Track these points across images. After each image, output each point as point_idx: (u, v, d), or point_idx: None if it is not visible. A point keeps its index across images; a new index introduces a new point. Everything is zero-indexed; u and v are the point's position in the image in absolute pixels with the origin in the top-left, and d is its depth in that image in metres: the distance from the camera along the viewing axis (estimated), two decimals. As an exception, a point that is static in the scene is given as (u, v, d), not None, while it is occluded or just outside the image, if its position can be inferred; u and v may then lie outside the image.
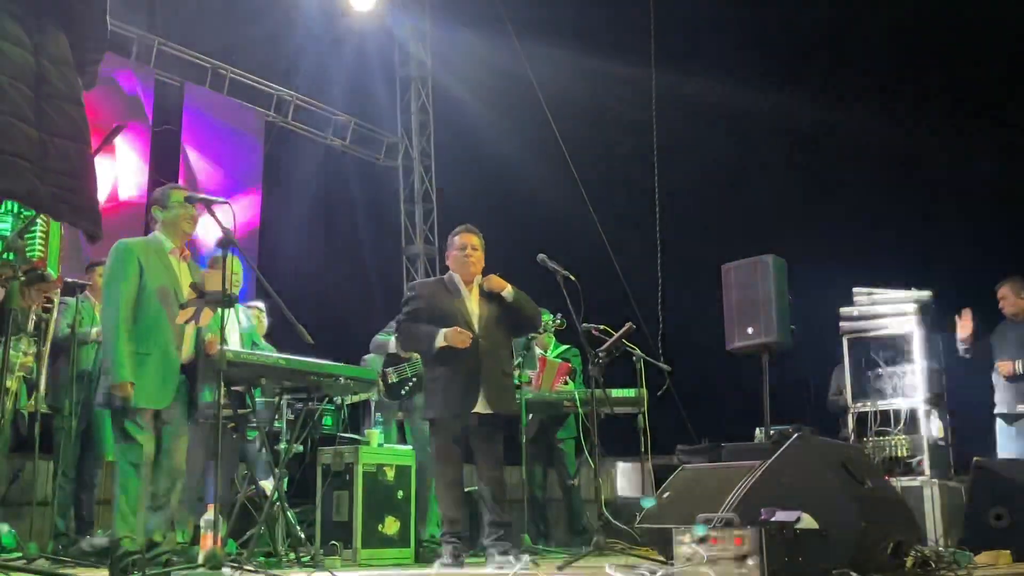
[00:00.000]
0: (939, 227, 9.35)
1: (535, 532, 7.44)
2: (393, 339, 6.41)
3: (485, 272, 5.44)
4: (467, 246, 5.35)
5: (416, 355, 6.33)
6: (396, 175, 12.36)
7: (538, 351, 7.21)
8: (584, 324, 6.30)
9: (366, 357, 6.78)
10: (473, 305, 5.28)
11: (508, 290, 5.33)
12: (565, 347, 7.50)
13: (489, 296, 5.34)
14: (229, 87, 10.50)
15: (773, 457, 4.69)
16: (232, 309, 5.68)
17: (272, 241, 10.41)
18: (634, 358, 7.00)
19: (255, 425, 5.60)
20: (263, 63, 10.85)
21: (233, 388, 5.04)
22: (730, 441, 6.65)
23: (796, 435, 4.75)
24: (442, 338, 5.11)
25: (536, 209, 10.45)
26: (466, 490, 7.88)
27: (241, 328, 5.94)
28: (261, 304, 7.16)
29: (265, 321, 7.04)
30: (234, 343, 5.68)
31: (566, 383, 7.23)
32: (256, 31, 10.66)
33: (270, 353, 5.42)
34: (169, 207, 4.76)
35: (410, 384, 6.34)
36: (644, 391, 7.06)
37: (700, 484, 5.23)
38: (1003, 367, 7.04)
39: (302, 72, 11.28)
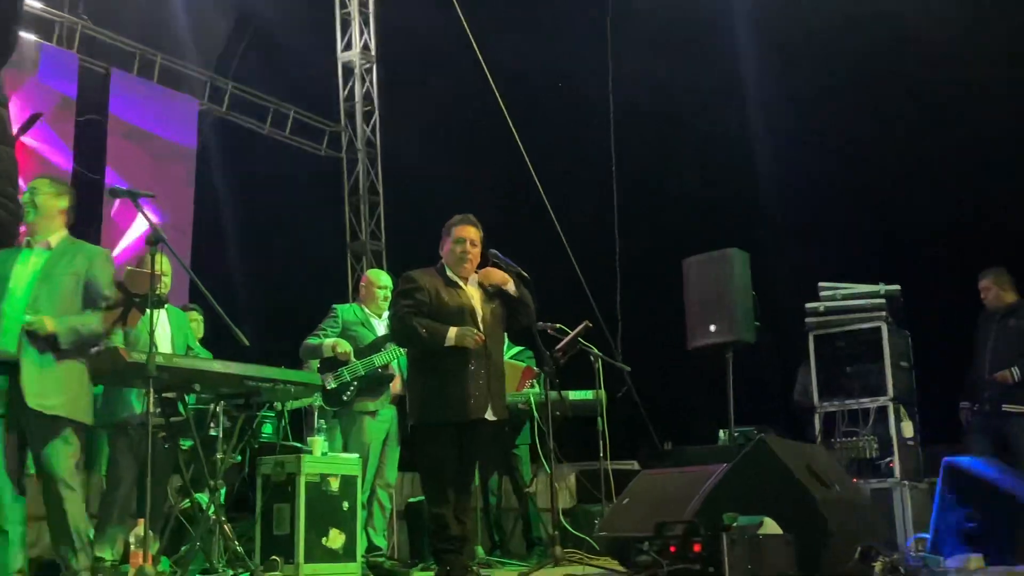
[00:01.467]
0: (908, 219, 9.47)
1: (489, 543, 7.44)
2: (326, 342, 6.35)
3: None
4: (466, 240, 5.21)
5: (354, 359, 6.29)
6: (340, 167, 12.28)
7: None
8: (538, 323, 6.32)
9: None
10: (475, 302, 5.18)
11: (512, 284, 5.23)
12: (519, 349, 7.48)
13: (487, 292, 5.26)
14: (159, 74, 10.37)
15: (735, 460, 4.73)
16: (163, 310, 5.70)
17: (207, 238, 10.29)
18: (591, 358, 7.02)
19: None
20: (196, 48, 10.72)
21: (164, 395, 4.97)
22: (693, 444, 6.73)
23: (760, 436, 4.79)
24: (453, 337, 4.98)
25: (489, 201, 10.44)
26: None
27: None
28: (197, 308, 7.07)
29: (200, 325, 6.96)
30: (164, 346, 5.61)
31: (532, 386, 7.23)
32: (188, 14, 10.53)
33: (203, 358, 5.36)
34: None
35: (351, 389, 6.29)
36: (603, 393, 7.08)
37: (662, 489, 5.28)
38: (1001, 377, 7.01)
39: (238, 58, 11.18)
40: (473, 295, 5.22)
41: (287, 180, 11.57)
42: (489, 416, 5.07)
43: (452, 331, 4.99)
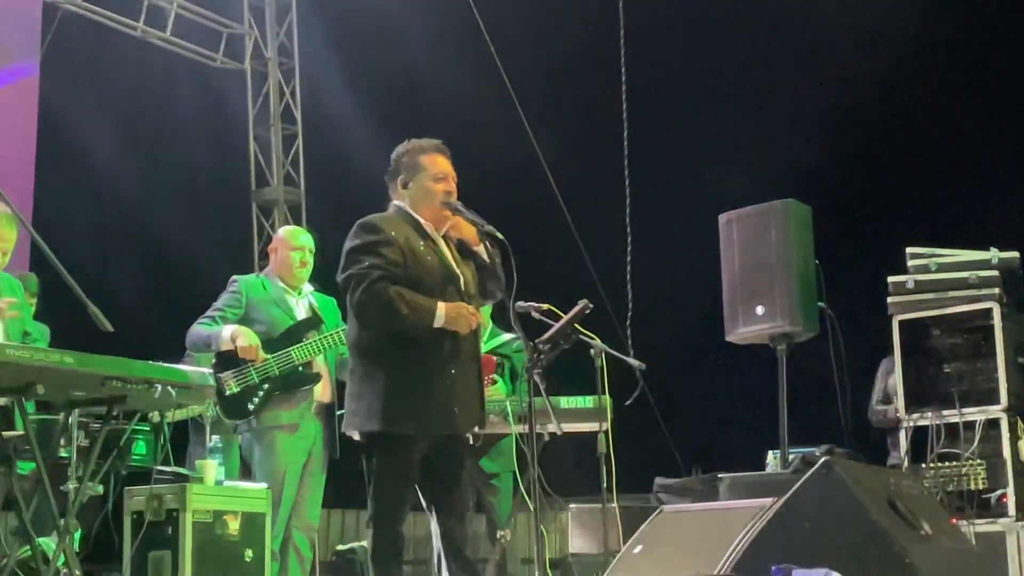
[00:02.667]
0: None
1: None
2: (223, 330, 6.31)
3: None
4: (448, 176, 5.25)
5: (265, 353, 6.27)
6: (243, 83, 12.23)
7: None
8: (519, 303, 6.33)
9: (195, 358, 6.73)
10: (458, 266, 5.24)
11: (480, 245, 5.29)
12: (509, 337, 7.51)
13: (461, 251, 5.30)
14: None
15: (790, 492, 4.76)
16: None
17: (55, 182, 10.25)
18: (592, 352, 7.02)
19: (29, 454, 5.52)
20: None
21: (-6, 400, 4.96)
22: (730, 471, 6.76)
23: (823, 460, 4.82)
24: (443, 315, 4.99)
25: (449, 138, 10.44)
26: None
27: None
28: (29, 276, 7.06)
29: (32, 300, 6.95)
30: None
31: (494, 382, 7.25)
32: None
33: (49, 348, 5.34)
34: None
35: (259, 395, 6.29)
36: (607, 399, 7.09)
37: (687, 533, 5.32)
38: None
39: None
40: (452, 254, 5.27)
41: (167, 102, 11.54)
42: (477, 429, 5.22)
43: (441, 308, 5.00)
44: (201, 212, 11.49)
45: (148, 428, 6.98)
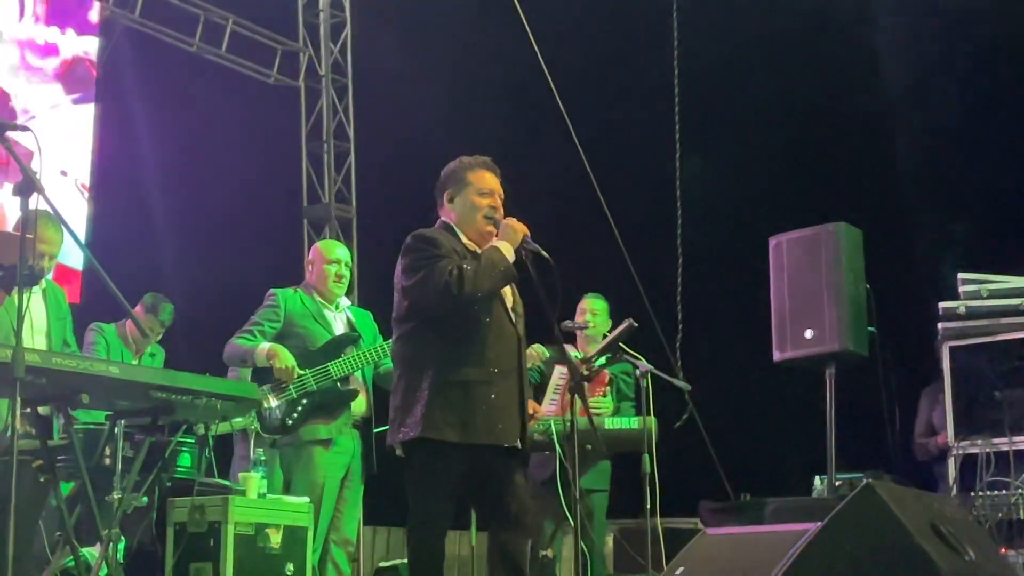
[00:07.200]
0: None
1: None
2: (260, 347, 6.32)
3: None
4: (494, 192, 5.30)
5: (303, 368, 6.29)
6: (296, 100, 12.30)
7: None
8: (566, 322, 6.34)
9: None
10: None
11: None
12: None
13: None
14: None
15: (831, 515, 4.74)
16: (41, 291, 5.74)
17: (108, 193, 10.33)
18: (638, 372, 7.03)
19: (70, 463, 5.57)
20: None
21: (39, 408, 5.00)
22: (779, 496, 6.72)
23: (866, 483, 4.79)
24: (503, 240, 5.13)
25: (499, 155, 10.46)
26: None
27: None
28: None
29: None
30: (37, 340, 5.64)
31: (604, 395, 7.26)
32: None
33: (95, 357, 5.40)
34: None
35: (298, 410, 6.31)
36: (652, 420, 7.09)
37: (729, 555, 5.30)
38: None
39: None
40: None
41: (222, 117, 11.60)
42: (518, 444, 5.17)
43: (495, 241, 5.07)
44: (252, 227, 11.54)
45: (193, 440, 7.05)
